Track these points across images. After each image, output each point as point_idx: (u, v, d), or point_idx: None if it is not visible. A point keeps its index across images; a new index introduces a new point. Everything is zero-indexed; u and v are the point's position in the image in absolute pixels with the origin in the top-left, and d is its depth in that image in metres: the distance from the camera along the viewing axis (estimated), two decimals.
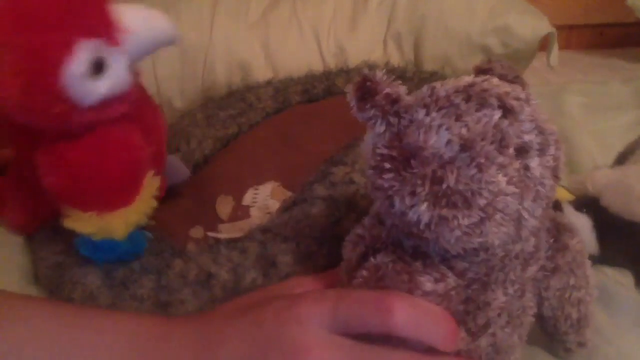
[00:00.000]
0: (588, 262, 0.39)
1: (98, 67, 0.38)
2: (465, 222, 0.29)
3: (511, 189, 0.29)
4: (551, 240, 0.37)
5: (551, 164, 0.31)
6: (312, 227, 0.46)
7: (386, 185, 0.31)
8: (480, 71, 0.36)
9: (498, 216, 0.29)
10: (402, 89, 0.32)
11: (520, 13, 0.80)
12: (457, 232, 0.30)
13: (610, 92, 0.79)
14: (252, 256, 0.45)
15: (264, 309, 0.32)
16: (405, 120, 0.31)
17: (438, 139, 0.30)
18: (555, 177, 0.32)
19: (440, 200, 0.29)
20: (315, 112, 0.73)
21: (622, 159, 0.59)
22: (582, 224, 0.48)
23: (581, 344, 0.39)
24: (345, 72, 0.77)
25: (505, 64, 0.35)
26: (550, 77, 0.91)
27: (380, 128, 0.32)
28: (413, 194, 0.30)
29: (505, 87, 0.32)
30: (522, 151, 0.30)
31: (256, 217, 0.53)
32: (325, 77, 0.76)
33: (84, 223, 0.42)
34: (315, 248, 0.44)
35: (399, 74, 0.73)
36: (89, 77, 0.38)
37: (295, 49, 0.80)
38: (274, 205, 0.54)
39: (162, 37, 0.43)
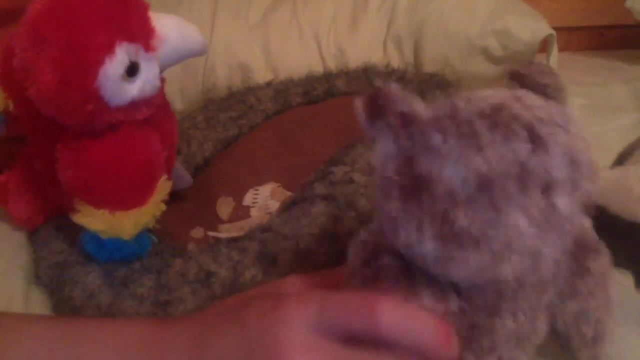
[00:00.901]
0: (612, 283, 0.36)
1: (132, 70, 0.40)
2: (477, 263, 0.27)
3: (532, 231, 0.26)
4: (572, 264, 0.34)
5: (583, 200, 0.28)
6: (312, 225, 0.46)
7: (393, 213, 0.28)
8: (515, 76, 0.32)
9: (515, 258, 0.27)
10: (419, 106, 0.28)
11: (519, 15, 0.80)
12: (466, 271, 0.27)
13: (610, 93, 0.79)
14: (252, 254, 0.45)
15: (250, 308, 0.32)
16: (420, 145, 0.27)
17: (454, 173, 0.26)
18: (584, 212, 0.29)
19: (449, 242, 0.27)
20: (315, 113, 0.73)
21: (621, 160, 0.59)
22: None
23: (595, 358, 0.37)
24: (345, 74, 0.77)
25: (546, 69, 0.32)
26: None
27: (391, 150, 0.28)
28: (420, 230, 0.27)
29: (540, 111, 0.28)
30: (549, 189, 0.27)
31: (256, 217, 0.54)
32: (326, 78, 0.77)
33: (95, 219, 0.43)
34: (315, 246, 0.44)
35: (398, 76, 0.73)
36: (123, 79, 0.39)
37: (295, 51, 0.81)
38: (274, 205, 0.54)
39: (192, 48, 0.45)
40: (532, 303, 0.31)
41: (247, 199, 0.56)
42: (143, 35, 0.40)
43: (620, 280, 0.48)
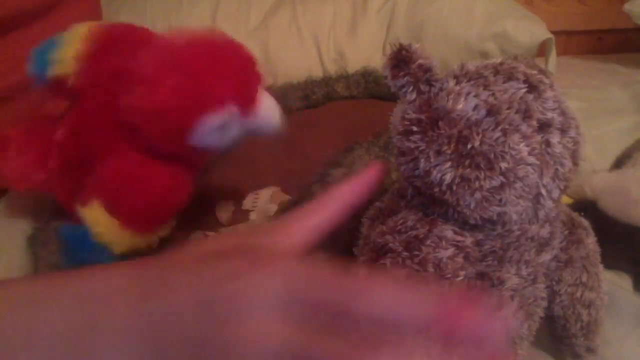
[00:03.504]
0: (601, 266, 0.39)
1: (225, 128, 0.44)
2: (487, 184, 0.30)
3: (532, 159, 0.30)
4: (566, 232, 0.37)
5: (571, 147, 0.32)
6: None
7: (412, 146, 0.32)
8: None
9: (518, 185, 0.30)
10: (435, 61, 0.33)
11: (518, 19, 0.80)
12: (478, 195, 0.31)
13: (609, 97, 0.79)
14: None
15: (224, 264, 0.28)
16: (436, 88, 0.32)
17: (466, 103, 0.31)
18: (575, 164, 0.33)
19: (464, 160, 0.30)
20: (315, 117, 0.73)
21: (619, 163, 0.59)
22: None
23: (590, 350, 0.39)
24: (344, 78, 0.78)
25: (531, 61, 0.36)
26: None
27: (412, 96, 0.33)
28: (438, 152, 0.31)
29: (532, 70, 0.33)
30: (544, 126, 0.31)
31: (255, 220, 0.54)
32: (325, 82, 0.77)
33: (102, 221, 0.44)
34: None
35: None
36: (215, 130, 0.43)
37: (295, 55, 0.81)
38: (274, 209, 0.54)
39: (271, 127, 0.48)
40: (533, 259, 0.35)
41: (247, 203, 0.57)
42: (249, 104, 0.44)
43: (619, 283, 0.48)
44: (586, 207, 0.50)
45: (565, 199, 0.51)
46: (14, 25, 0.54)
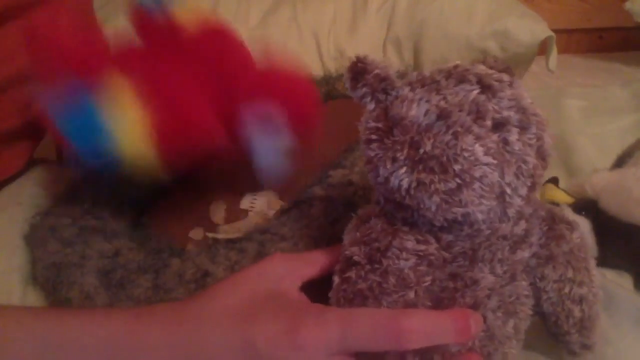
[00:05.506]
0: (592, 261, 0.38)
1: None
2: (442, 187, 0.31)
3: (488, 159, 0.31)
4: (545, 228, 0.37)
5: (534, 143, 0.32)
6: (310, 226, 0.46)
7: (372, 154, 0.33)
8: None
9: (476, 185, 0.31)
10: (391, 70, 0.34)
11: (519, 17, 0.80)
12: (436, 198, 0.31)
13: (609, 95, 0.79)
14: (251, 255, 0.45)
15: (258, 326, 0.31)
16: (392, 96, 0.33)
17: (418, 109, 0.32)
18: (542, 159, 0.33)
19: (417, 165, 0.31)
20: None
21: (620, 162, 0.59)
22: (581, 227, 0.48)
23: (585, 346, 0.38)
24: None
25: (499, 60, 0.37)
26: (550, 80, 0.92)
27: (371, 105, 0.34)
28: (394, 159, 0.32)
29: (488, 71, 0.34)
30: (499, 125, 0.31)
31: (254, 218, 0.54)
32: (325, 81, 0.76)
33: (134, 125, 0.41)
34: (313, 247, 0.44)
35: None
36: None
37: (295, 53, 0.81)
38: (271, 213, 0.54)
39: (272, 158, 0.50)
40: (507, 257, 0.35)
41: (245, 203, 0.56)
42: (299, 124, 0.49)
43: (619, 282, 0.48)
44: (587, 206, 0.50)
45: (567, 199, 0.51)
46: (11, 15, 0.54)
